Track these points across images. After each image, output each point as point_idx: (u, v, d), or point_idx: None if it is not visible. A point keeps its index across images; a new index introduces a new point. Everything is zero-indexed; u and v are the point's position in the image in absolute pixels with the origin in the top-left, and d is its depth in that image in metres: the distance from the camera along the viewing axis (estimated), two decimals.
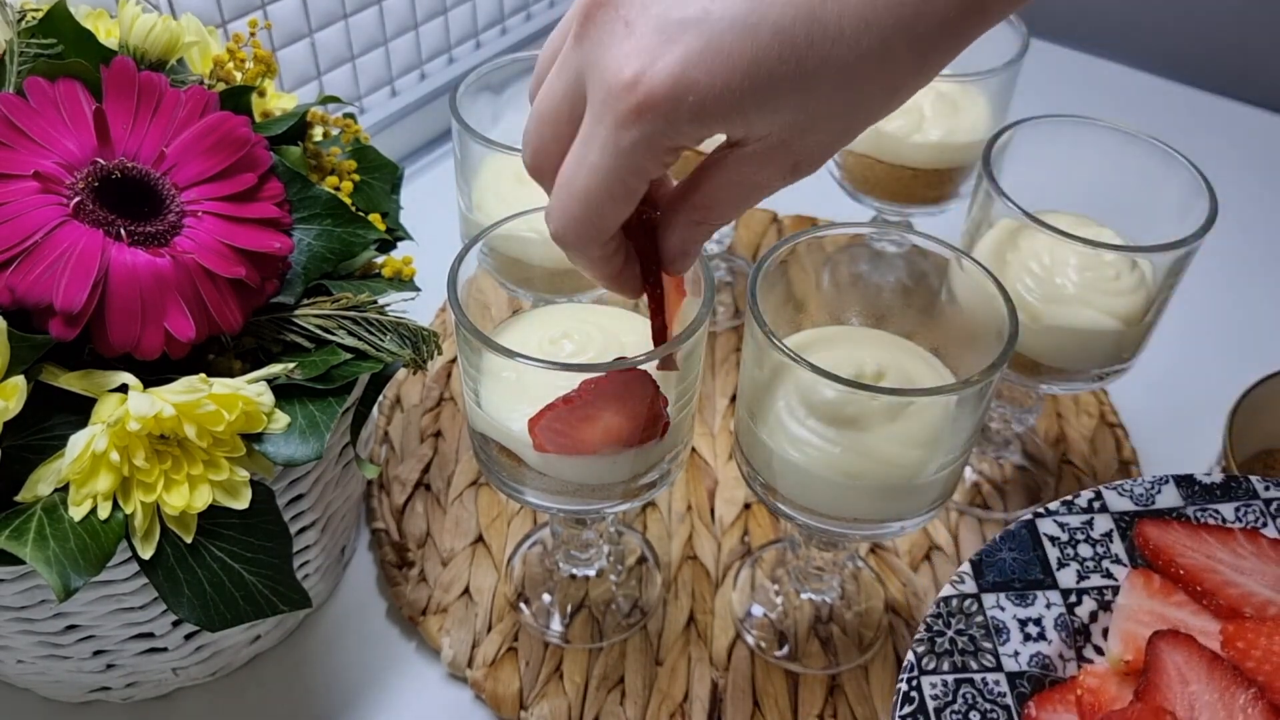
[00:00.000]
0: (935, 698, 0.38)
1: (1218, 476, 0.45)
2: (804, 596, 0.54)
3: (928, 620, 0.41)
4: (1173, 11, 1.04)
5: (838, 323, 0.47)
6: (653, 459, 0.42)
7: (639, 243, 0.35)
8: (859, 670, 0.52)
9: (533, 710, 0.50)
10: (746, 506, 0.59)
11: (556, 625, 0.53)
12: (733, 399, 0.65)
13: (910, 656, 0.40)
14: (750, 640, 0.53)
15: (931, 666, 0.39)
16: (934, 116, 0.59)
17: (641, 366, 0.38)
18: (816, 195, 0.70)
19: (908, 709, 0.38)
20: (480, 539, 0.57)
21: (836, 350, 0.44)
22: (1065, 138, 0.53)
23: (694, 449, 0.62)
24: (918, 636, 0.40)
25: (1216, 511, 0.44)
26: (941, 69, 0.29)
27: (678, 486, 0.60)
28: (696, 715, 0.50)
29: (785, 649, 0.52)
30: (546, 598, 0.54)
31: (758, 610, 0.54)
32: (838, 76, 0.27)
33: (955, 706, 0.38)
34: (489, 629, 0.53)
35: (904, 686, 0.39)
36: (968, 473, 0.61)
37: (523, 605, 0.54)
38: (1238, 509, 0.44)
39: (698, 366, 0.43)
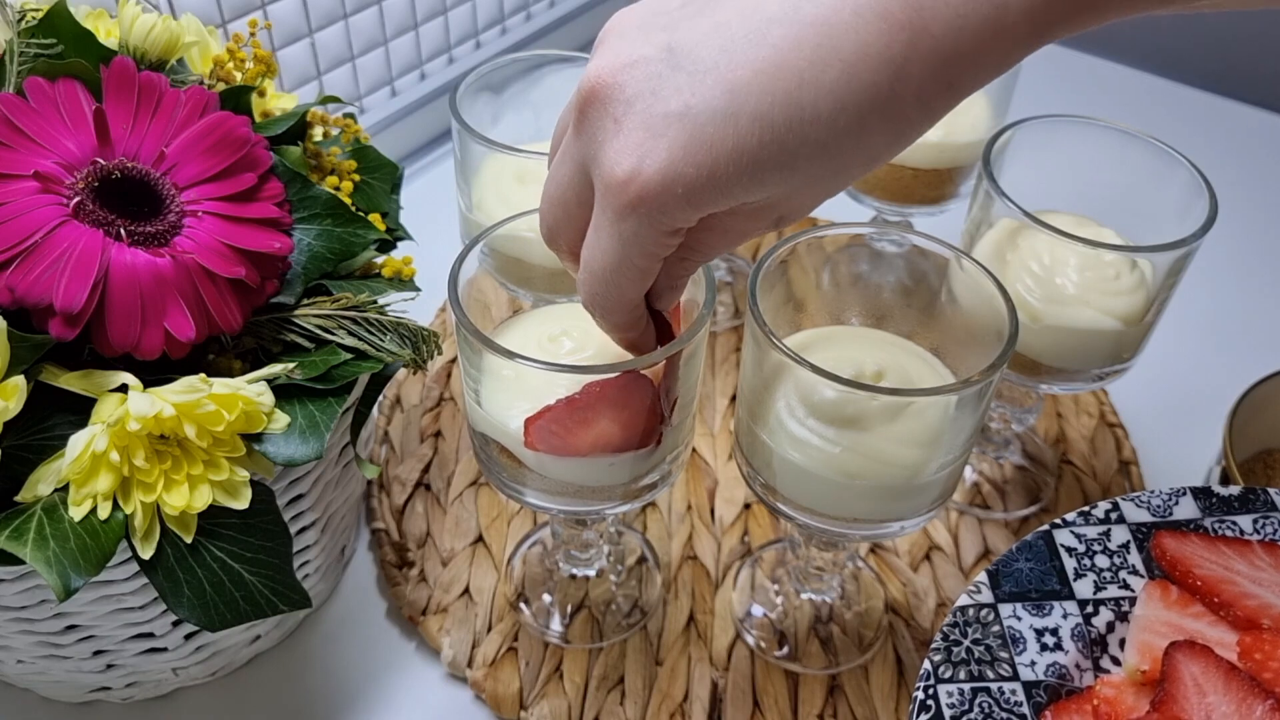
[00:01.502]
0: (952, 706, 0.39)
1: (1235, 489, 0.45)
2: (804, 596, 0.54)
3: (944, 630, 0.41)
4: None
5: (838, 323, 0.47)
6: (653, 462, 0.42)
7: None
8: (859, 670, 0.52)
9: (533, 710, 0.50)
10: (746, 506, 0.59)
11: (556, 625, 0.53)
12: (733, 399, 0.65)
13: (927, 665, 0.40)
14: (750, 640, 0.53)
15: (948, 675, 0.39)
16: None
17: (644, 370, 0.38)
18: None
19: (924, 717, 0.38)
20: (480, 539, 0.57)
21: (836, 350, 0.44)
22: (1065, 138, 0.53)
23: (694, 449, 0.62)
24: (934, 645, 0.40)
25: (1234, 523, 0.44)
26: (914, 140, 0.30)
27: (678, 486, 0.60)
28: (696, 715, 0.50)
29: (785, 649, 0.52)
30: (546, 598, 0.54)
31: (758, 610, 0.54)
32: (818, 153, 0.29)
33: (972, 715, 0.38)
34: (489, 629, 0.53)
35: (920, 695, 0.39)
36: (968, 473, 0.61)
37: (523, 605, 0.54)
38: (1256, 521, 0.44)
39: (698, 367, 0.43)
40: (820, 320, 0.47)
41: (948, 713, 0.38)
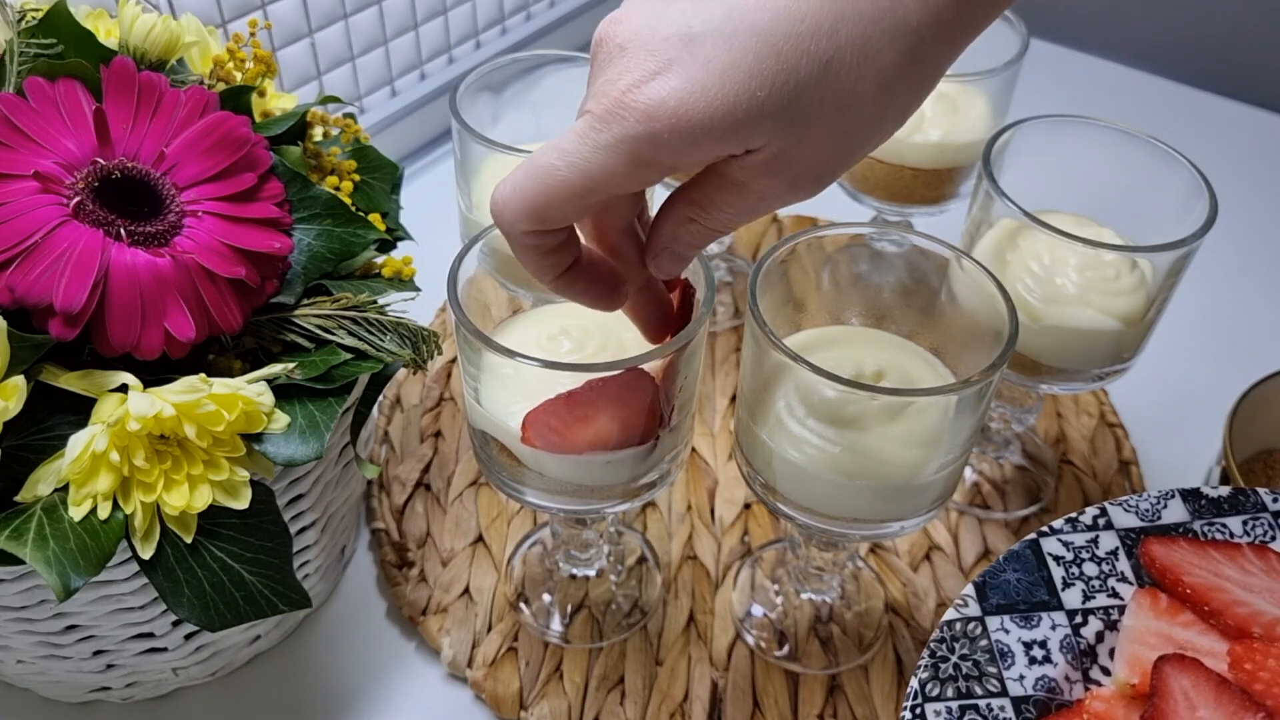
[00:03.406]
0: None
1: (1225, 490, 0.44)
2: (804, 596, 0.54)
3: (931, 645, 0.40)
4: (1173, 11, 1.04)
5: (838, 323, 0.47)
6: (651, 461, 0.42)
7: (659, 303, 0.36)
8: (859, 670, 0.52)
9: (533, 710, 0.50)
10: (746, 506, 0.59)
11: (556, 625, 0.53)
12: (733, 399, 0.65)
13: (914, 683, 0.39)
14: (750, 640, 0.53)
15: (936, 693, 0.39)
16: (934, 116, 0.59)
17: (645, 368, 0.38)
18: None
19: None
20: (480, 539, 0.57)
21: (836, 350, 0.44)
22: (1065, 138, 0.53)
23: (694, 449, 0.62)
24: (921, 662, 0.40)
25: (1224, 526, 0.43)
26: (936, 72, 0.29)
27: (678, 486, 0.60)
28: (696, 715, 0.50)
29: (785, 649, 0.52)
30: (546, 598, 0.54)
31: (758, 610, 0.54)
32: (819, 71, 0.28)
33: None
34: (489, 629, 0.53)
35: (908, 715, 0.38)
36: (968, 473, 0.61)
37: (523, 605, 0.54)
38: (1245, 523, 0.43)
39: (698, 366, 0.43)
40: (820, 320, 0.47)
41: None
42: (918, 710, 0.38)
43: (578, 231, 0.35)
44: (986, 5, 0.29)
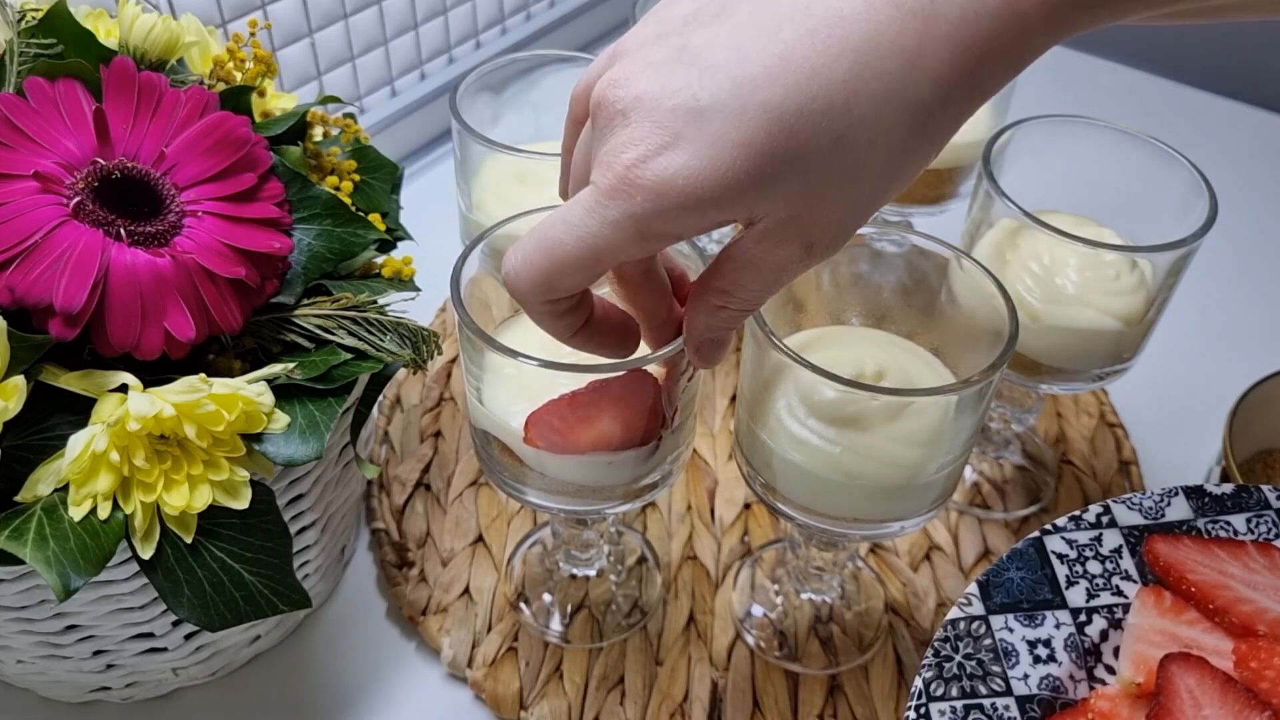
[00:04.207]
0: None
1: (1228, 487, 0.44)
2: (804, 596, 0.54)
3: (935, 645, 0.40)
4: None
5: (838, 323, 0.47)
6: (653, 462, 0.42)
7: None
8: (859, 670, 0.52)
9: (533, 710, 0.50)
10: (746, 506, 0.59)
11: (556, 625, 0.53)
12: (733, 399, 0.65)
13: (919, 683, 0.39)
14: (750, 640, 0.53)
15: (940, 693, 0.39)
16: None
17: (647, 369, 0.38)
18: None
19: None
20: (480, 539, 0.57)
21: (836, 350, 0.44)
22: (1065, 138, 0.53)
23: (694, 449, 0.62)
24: (925, 661, 0.39)
25: (1228, 523, 0.43)
26: (943, 141, 0.29)
27: (678, 486, 0.60)
28: (696, 715, 0.50)
29: (785, 649, 0.52)
30: (546, 598, 0.54)
31: (758, 610, 0.54)
32: (831, 146, 0.28)
33: None
34: (489, 629, 0.53)
35: (912, 714, 0.38)
36: (968, 473, 0.61)
37: (523, 605, 0.54)
38: (1249, 520, 0.43)
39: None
40: (820, 320, 0.47)
41: None
42: (922, 710, 0.38)
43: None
44: (997, 80, 0.28)
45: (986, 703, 0.39)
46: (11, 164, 0.37)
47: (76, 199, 0.37)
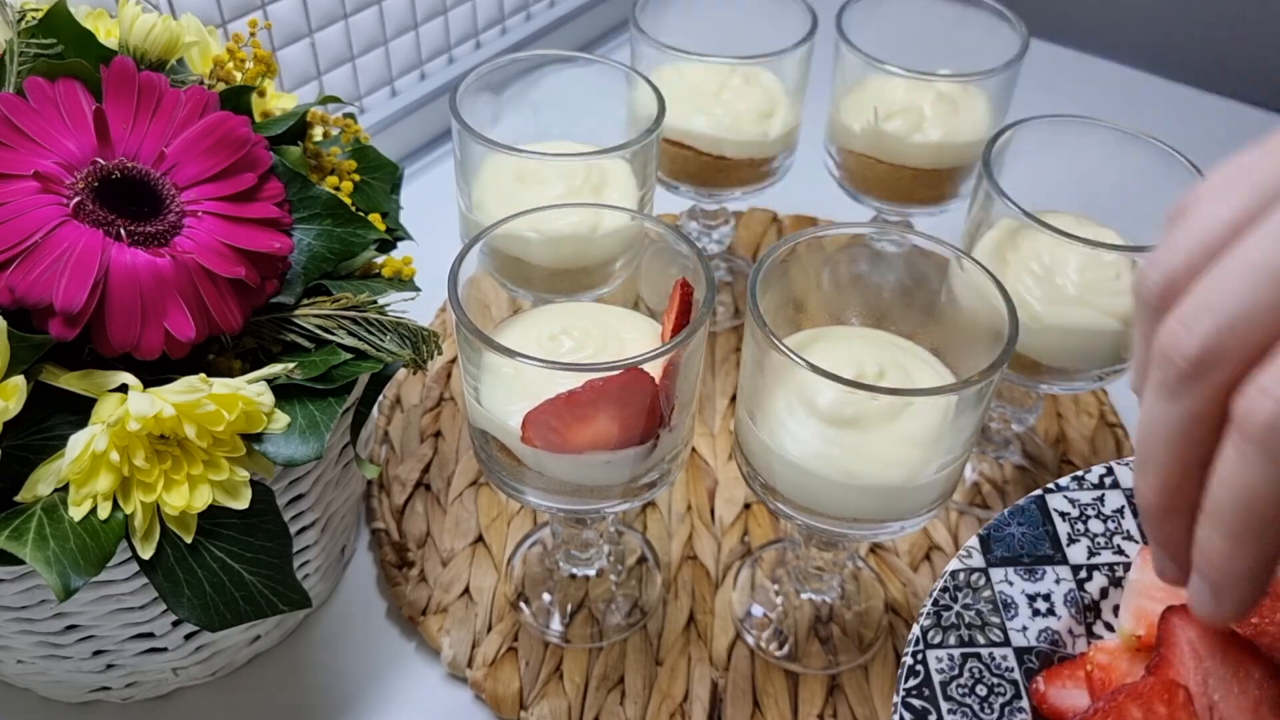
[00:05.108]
0: (941, 671, 0.38)
1: None
2: (804, 596, 0.54)
3: (934, 594, 0.40)
4: (1173, 11, 1.04)
5: (838, 323, 0.47)
6: (651, 461, 0.42)
7: None
8: (859, 670, 0.52)
9: (533, 710, 0.50)
10: (746, 506, 0.59)
11: (556, 625, 0.53)
12: (733, 399, 0.65)
13: (916, 630, 0.39)
14: (750, 640, 0.53)
15: (938, 640, 0.39)
16: (934, 116, 0.59)
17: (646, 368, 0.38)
18: (816, 195, 0.70)
19: (913, 682, 0.38)
20: (480, 539, 0.57)
21: (836, 350, 0.44)
22: (1065, 138, 0.53)
23: (694, 449, 0.62)
24: (923, 610, 0.40)
25: None
26: None
27: (678, 486, 0.60)
28: (696, 715, 0.50)
29: (785, 649, 0.52)
30: (546, 597, 0.54)
31: (758, 610, 0.54)
32: None
33: (961, 680, 0.38)
34: (489, 629, 0.53)
35: (909, 660, 0.38)
36: (968, 472, 0.61)
37: (523, 605, 0.54)
38: None
39: (698, 366, 0.43)
40: (820, 320, 0.47)
41: (936, 678, 0.38)
42: (919, 656, 0.38)
43: None
44: None
45: (984, 652, 0.39)
46: (11, 164, 0.37)
47: (76, 199, 0.37)
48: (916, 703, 0.37)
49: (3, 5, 0.42)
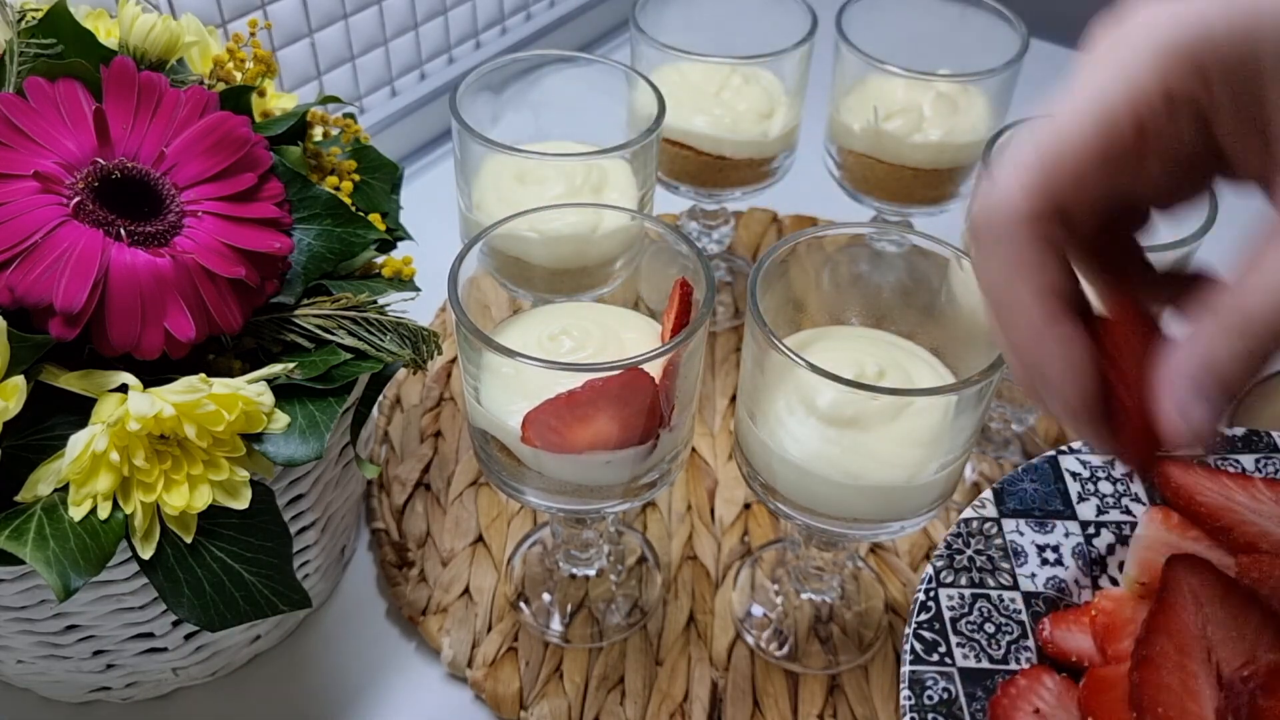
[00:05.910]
0: (952, 609, 0.40)
1: (1240, 430, 0.46)
2: (804, 596, 0.54)
3: (948, 539, 0.42)
4: None
5: (838, 323, 0.47)
6: (651, 461, 0.42)
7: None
8: (859, 670, 0.52)
9: (533, 710, 0.50)
10: (746, 506, 0.59)
11: (556, 625, 0.53)
12: (733, 399, 0.65)
13: (929, 569, 0.41)
14: (750, 640, 0.53)
15: (950, 580, 0.41)
16: (934, 116, 0.59)
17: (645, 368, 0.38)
18: (816, 195, 0.70)
19: (924, 616, 0.39)
20: (480, 539, 0.57)
21: (836, 350, 0.44)
22: None
23: (694, 449, 0.62)
24: (937, 553, 0.41)
25: (1237, 461, 0.45)
26: None
27: (678, 486, 0.60)
28: (696, 715, 0.50)
29: (785, 649, 0.52)
30: (546, 597, 0.54)
31: (758, 610, 0.54)
32: None
33: (971, 618, 0.40)
34: (489, 629, 0.53)
35: (921, 596, 0.40)
36: (968, 472, 0.61)
37: (523, 605, 0.54)
38: (1258, 460, 0.45)
39: (698, 366, 0.43)
40: (820, 320, 0.47)
41: (947, 614, 0.40)
42: (931, 594, 0.40)
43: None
44: None
45: (994, 594, 0.41)
46: (11, 164, 0.37)
47: (76, 199, 0.37)
48: (927, 634, 0.39)
49: (3, 5, 0.42)
